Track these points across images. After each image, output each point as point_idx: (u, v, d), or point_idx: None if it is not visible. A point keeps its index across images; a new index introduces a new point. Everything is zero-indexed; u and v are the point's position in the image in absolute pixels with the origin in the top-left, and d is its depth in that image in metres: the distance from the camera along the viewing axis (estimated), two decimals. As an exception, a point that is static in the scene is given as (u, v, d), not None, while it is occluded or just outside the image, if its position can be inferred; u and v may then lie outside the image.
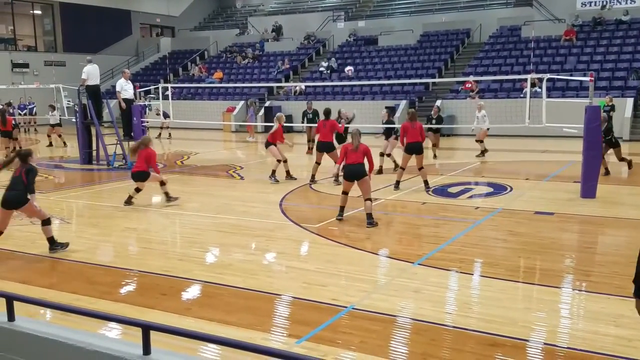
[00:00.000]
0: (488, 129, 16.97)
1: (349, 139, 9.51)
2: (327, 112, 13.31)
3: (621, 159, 13.55)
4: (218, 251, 7.90)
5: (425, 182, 11.68)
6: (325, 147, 12.68)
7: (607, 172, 13.11)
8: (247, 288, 6.19)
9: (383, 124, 14.74)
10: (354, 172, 9.12)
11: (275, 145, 13.11)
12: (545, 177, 13.25)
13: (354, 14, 36.51)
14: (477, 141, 17.17)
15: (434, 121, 16.85)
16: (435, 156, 16.63)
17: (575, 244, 8.21)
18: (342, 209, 9.29)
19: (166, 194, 10.71)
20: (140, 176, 10.63)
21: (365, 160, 9.19)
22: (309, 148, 17.98)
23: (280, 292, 6.10)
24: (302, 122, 19.23)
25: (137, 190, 10.72)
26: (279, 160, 13.09)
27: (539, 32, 26.96)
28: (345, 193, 9.27)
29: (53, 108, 22.57)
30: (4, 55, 33.09)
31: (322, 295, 5.91)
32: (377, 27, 32.96)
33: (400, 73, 27.96)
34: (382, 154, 14.04)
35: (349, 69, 29.00)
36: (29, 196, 7.51)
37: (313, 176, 12.73)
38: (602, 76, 23.50)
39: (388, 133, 14.41)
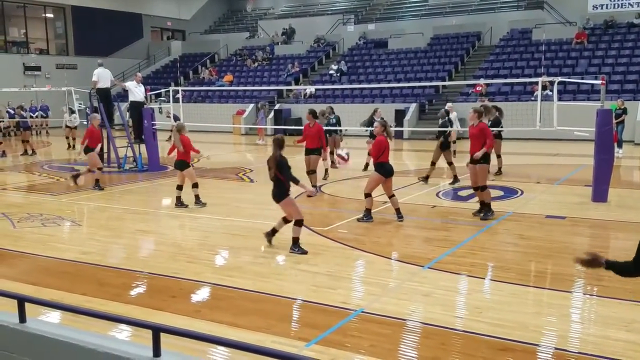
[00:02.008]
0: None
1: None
2: (314, 113, 12.15)
3: (450, 163, 12.63)
4: (227, 254, 7.91)
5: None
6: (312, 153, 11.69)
7: (456, 180, 12.49)
8: (256, 291, 6.19)
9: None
10: (392, 171, 9.30)
11: (93, 150, 12.88)
12: (557, 180, 13.17)
13: (364, 17, 36.53)
14: (453, 142, 17.50)
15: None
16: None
17: (586, 248, 8.09)
18: (370, 211, 9.31)
19: (179, 198, 10.70)
20: (180, 165, 10.62)
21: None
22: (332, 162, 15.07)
23: (289, 295, 6.10)
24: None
25: (194, 186, 10.68)
26: (91, 170, 12.86)
27: (550, 35, 26.84)
28: (371, 195, 9.27)
29: (72, 111, 22.65)
30: (17, 59, 33.40)
31: (331, 299, 5.90)
32: (387, 30, 32.96)
33: (410, 76, 27.93)
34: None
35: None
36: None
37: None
38: (614, 79, 23.36)
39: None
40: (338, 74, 29.73)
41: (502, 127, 12.89)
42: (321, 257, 7.53)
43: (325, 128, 14.30)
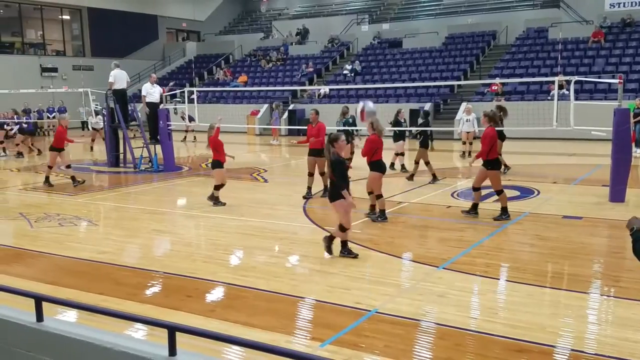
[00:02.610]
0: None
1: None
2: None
3: (416, 162, 12.97)
4: (242, 253, 7.93)
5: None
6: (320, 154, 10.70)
7: (435, 179, 12.70)
8: (270, 290, 6.20)
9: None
10: (386, 169, 9.46)
11: (60, 151, 13.24)
12: (573, 180, 13.05)
13: (378, 16, 36.45)
14: (470, 143, 17.52)
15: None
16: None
17: (604, 249, 8.06)
18: (384, 211, 9.31)
19: (212, 195, 10.80)
20: (212, 164, 10.87)
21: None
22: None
23: (303, 295, 6.10)
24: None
25: (216, 187, 10.80)
26: (49, 167, 13.41)
27: (567, 33, 26.61)
28: (382, 195, 9.29)
29: (96, 113, 22.78)
30: (34, 60, 33.77)
31: (345, 299, 5.89)
32: (401, 29, 32.87)
33: (425, 75, 27.82)
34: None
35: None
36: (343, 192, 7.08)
37: (310, 189, 11.36)
38: (632, 78, 23.09)
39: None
40: (352, 74, 29.69)
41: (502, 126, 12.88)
42: (335, 258, 7.53)
43: (342, 128, 14.28)
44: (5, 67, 30.98)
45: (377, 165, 9.13)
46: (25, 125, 21.81)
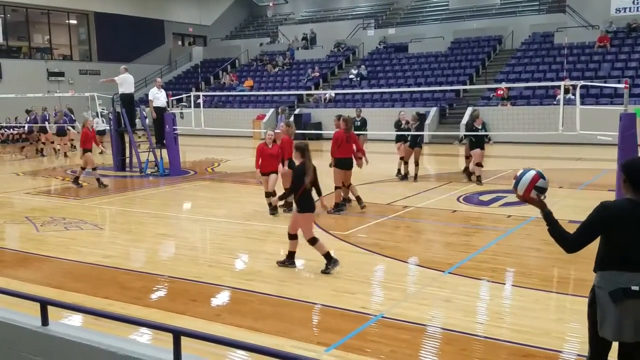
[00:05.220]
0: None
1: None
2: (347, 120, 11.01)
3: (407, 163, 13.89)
4: (247, 258, 7.93)
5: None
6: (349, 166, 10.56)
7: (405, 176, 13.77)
8: (276, 295, 6.20)
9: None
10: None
11: (90, 151, 13.82)
12: (580, 185, 13.00)
13: (384, 21, 36.50)
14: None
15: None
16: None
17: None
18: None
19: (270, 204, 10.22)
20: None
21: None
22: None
23: (309, 299, 6.09)
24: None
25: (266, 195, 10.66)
26: (82, 168, 13.90)
27: (572, 38, 26.55)
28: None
29: (96, 116, 22.80)
30: (40, 64, 33.92)
31: (351, 303, 5.88)
32: (407, 34, 32.91)
33: (431, 80, 27.82)
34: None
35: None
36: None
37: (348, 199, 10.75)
38: (638, 83, 23.01)
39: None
40: (358, 79, 29.72)
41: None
42: (341, 262, 7.52)
43: (402, 133, 13.97)
44: (12, 72, 31.16)
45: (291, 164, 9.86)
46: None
